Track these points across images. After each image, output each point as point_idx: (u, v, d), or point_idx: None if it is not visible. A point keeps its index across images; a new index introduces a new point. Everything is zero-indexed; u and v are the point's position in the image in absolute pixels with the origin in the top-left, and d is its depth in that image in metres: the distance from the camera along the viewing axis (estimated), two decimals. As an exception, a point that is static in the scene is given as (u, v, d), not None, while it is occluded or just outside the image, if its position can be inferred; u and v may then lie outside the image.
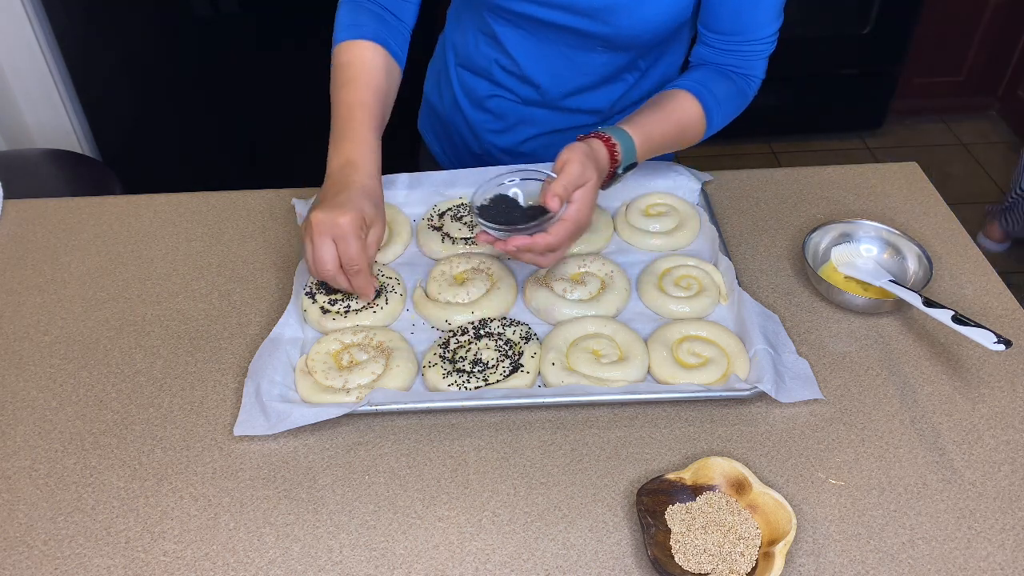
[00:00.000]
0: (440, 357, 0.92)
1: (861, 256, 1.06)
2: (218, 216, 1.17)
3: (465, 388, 0.89)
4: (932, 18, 2.81)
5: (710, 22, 1.05)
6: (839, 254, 1.06)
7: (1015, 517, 0.79)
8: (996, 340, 0.86)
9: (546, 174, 0.92)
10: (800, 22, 2.67)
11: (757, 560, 0.74)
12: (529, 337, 0.94)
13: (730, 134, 1.11)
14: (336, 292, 0.99)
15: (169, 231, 1.15)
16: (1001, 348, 0.85)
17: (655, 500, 0.78)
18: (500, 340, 0.94)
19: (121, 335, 0.99)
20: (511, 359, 0.92)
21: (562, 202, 0.88)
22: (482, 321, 0.97)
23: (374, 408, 0.86)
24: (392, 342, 0.94)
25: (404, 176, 1.17)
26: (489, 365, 0.91)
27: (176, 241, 1.13)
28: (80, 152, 2.05)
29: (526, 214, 0.92)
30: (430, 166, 1.35)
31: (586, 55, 1.09)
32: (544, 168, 0.95)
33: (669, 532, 0.76)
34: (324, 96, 1.03)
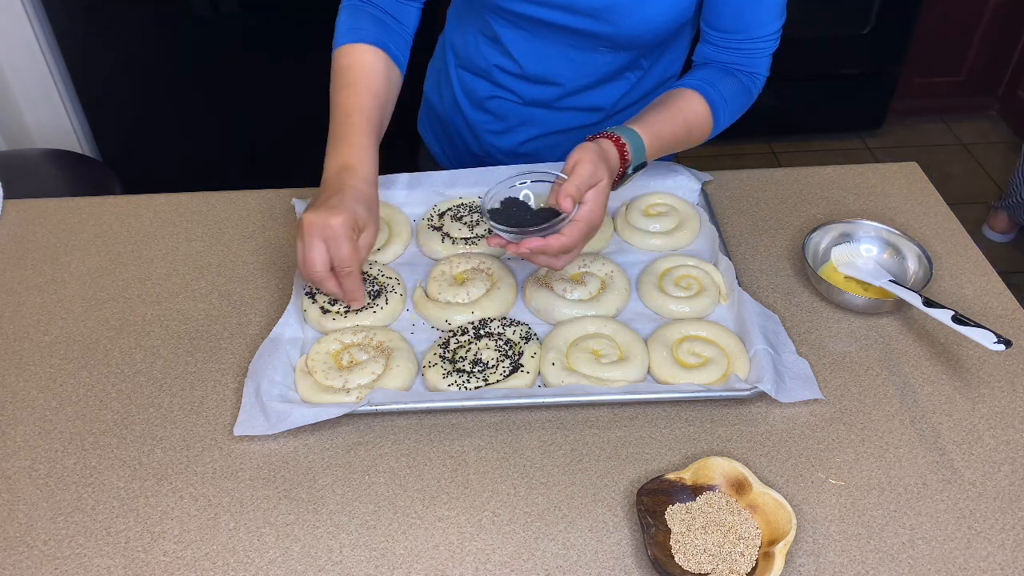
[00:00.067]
0: (440, 357, 0.92)
1: (861, 256, 1.06)
2: (218, 216, 1.17)
3: (465, 388, 0.89)
4: (932, 18, 2.81)
5: (713, 20, 1.05)
6: (839, 254, 1.06)
7: (1015, 517, 0.79)
8: (996, 340, 0.86)
9: (555, 175, 0.92)
10: (800, 22, 2.67)
11: (757, 560, 0.74)
12: (529, 337, 0.94)
13: (730, 134, 1.11)
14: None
15: (169, 231, 1.15)
16: (1001, 348, 0.85)
17: (655, 500, 0.78)
18: (500, 340, 0.94)
19: (121, 335, 0.99)
20: (511, 359, 0.92)
21: (575, 203, 0.88)
22: (482, 321, 0.97)
23: (374, 408, 0.86)
24: (392, 342, 0.94)
25: (404, 176, 1.17)
26: (489, 365, 0.91)
27: (176, 241, 1.13)
28: (80, 152, 2.05)
29: (537, 216, 0.91)
30: (430, 167, 1.35)
31: (588, 55, 1.09)
32: (553, 169, 0.95)
33: (669, 532, 0.76)
34: (324, 96, 1.03)
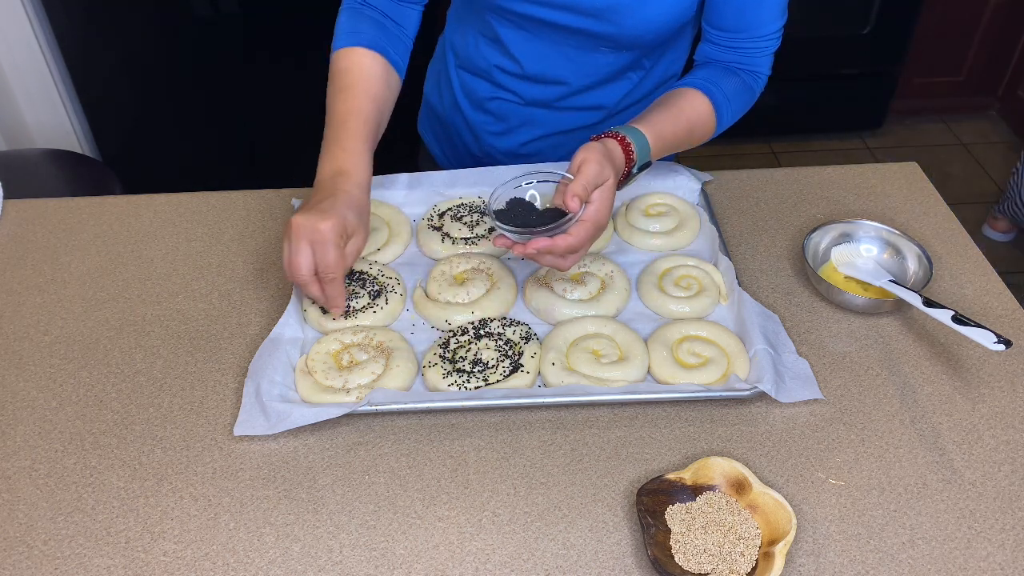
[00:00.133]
0: (440, 357, 0.92)
1: (861, 256, 1.06)
2: (218, 216, 1.17)
3: (465, 388, 0.89)
4: (932, 18, 2.81)
5: (714, 19, 1.05)
6: (839, 254, 1.06)
7: (1015, 517, 0.79)
8: (996, 340, 0.86)
9: (560, 175, 0.92)
10: (800, 22, 2.67)
11: (757, 560, 0.74)
12: (529, 337, 0.94)
13: (730, 134, 1.11)
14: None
15: (169, 231, 1.15)
16: (1001, 348, 0.85)
17: (655, 500, 0.78)
18: (500, 340, 0.94)
19: (121, 335, 0.99)
20: (511, 359, 0.92)
21: (582, 203, 0.87)
22: (482, 321, 0.97)
23: (374, 408, 0.86)
24: (392, 342, 0.94)
25: (404, 176, 1.17)
26: (489, 365, 0.91)
27: (176, 241, 1.13)
28: (80, 152, 2.05)
29: (543, 216, 0.91)
30: (430, 167, 1.35)
31: (589, 55, 1.09)
32: (558, 169, 0.95)
33: (669, 532, 0.76)
34: (324, 97, 1.03)
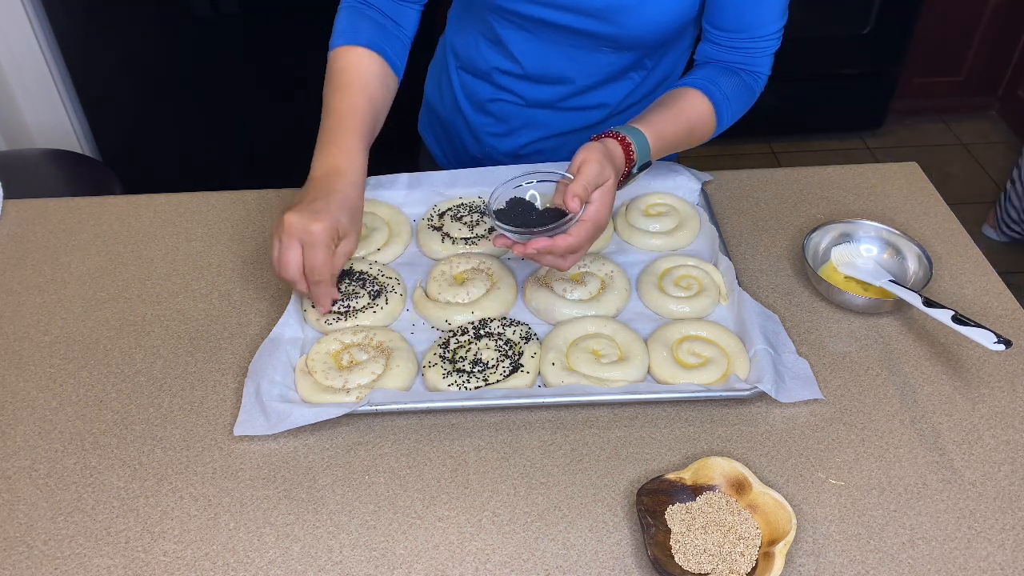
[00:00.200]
0: (440, 357, 0.92)
1: (861, 256, 1.06)
2: (218, 216, 1.17)
3: (465, 388, 0.89)
4: (932, 18, 2.81)
5: (715, 19, 1.05)
6: (839, 254, 1.06)
7: (1015, 517, 0.79)
8: (996, 340, 0.86)
9: (560, 175, 0.92)
10: (800, 22, 2.67)
11: (757, 560, 0.74)
12: (529, 337, 0.94)
13: (730, 134, 1.11)
14: (336, 292, 0.99)
15: (169, 231, 1.15)
16: (1001, 348, 0.85)
17: (655, 500, 0.78)
18: (500, 340, 0.94)
19: (121, 335, 0.99)
20: (511, 359, 0.92)
21: (582, 203, 0.87)
22: (482, 321, 0.97)
23: (374, 408, 0.86)
24: (392, 342, 0.94)
25: (404, 176, 1.17)
26: (489, 365, 0.91)
27: (176, 241, 1.13)
28: (80, 152, 2.05)
29: (543, 216, 0.91)
30: (430, 168, 1.35)
31: (591, 55, 1.09)
32: (558, 168, 0.95)
33: (669, 532, 0.76)
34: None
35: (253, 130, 2.48)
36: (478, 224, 1.10)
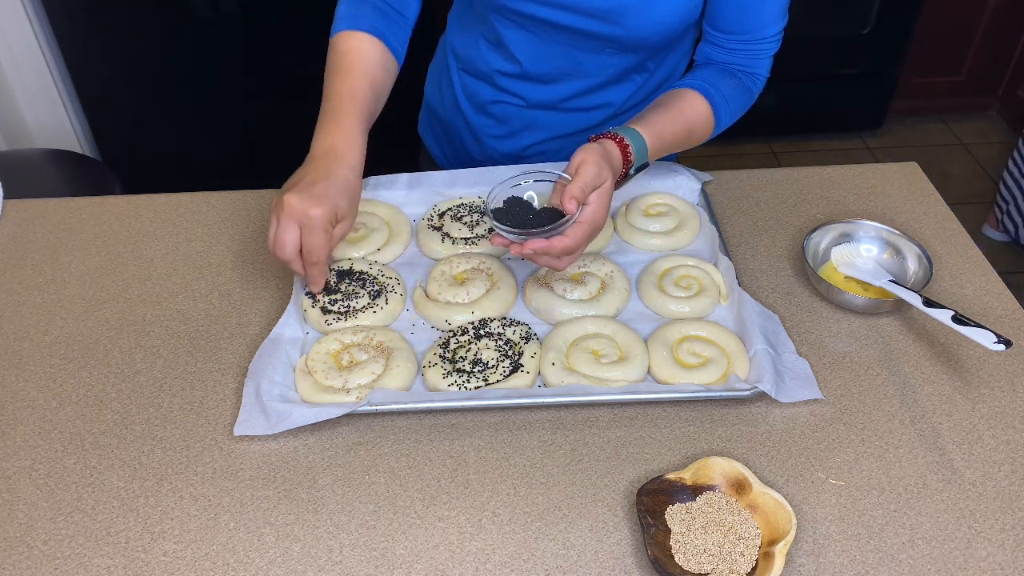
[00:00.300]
0: (440, 357, 0.92)
1: (861, 256, 1.06)
2: (218, 216, 1.17)
3: (465, 388, 0.89)
4: (932, 18, 2.81)
5: (716, 21, 1.05)
6: (839, 254, 1.06)
7: (1015, 517, 0.79)
8: (996, 340, 0.86)
9: (558, 175, 0.92)
10: (800, 22, 2.67)
11: (757, 560, 0.74)
12: (529, 337, 0.94)
13: (730, 134, 1.11)
14: (336, 292, 0.99)
15: (169, 231, 1.15)
16: (1001, 348, 0.85)
17: (655, 500, 0.78)
18: (500, 340, 0.94)
19: (121, 335, 0.99)
20: (511, 359, 0.92)
21: (579, 204, 0.88)
22: (482, 321, 0.97)
23: (374, 408, 0.86)
24: (392, 342, 0.94)
25: (404, 176, 1.17)
26: (489, 365, 0.91)
27: (176, 241, 1.13)
28: (80, 152, 2.05)
29: (541, 216, 0.91)
30: (430, 169, 1.34)
31: (594, 57, 1.09)
32: (556, 169, 0.95)
33: (669, 532, 0.76)
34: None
35: (253, 130, 2.48)
36: (478, 224, 1.10)
